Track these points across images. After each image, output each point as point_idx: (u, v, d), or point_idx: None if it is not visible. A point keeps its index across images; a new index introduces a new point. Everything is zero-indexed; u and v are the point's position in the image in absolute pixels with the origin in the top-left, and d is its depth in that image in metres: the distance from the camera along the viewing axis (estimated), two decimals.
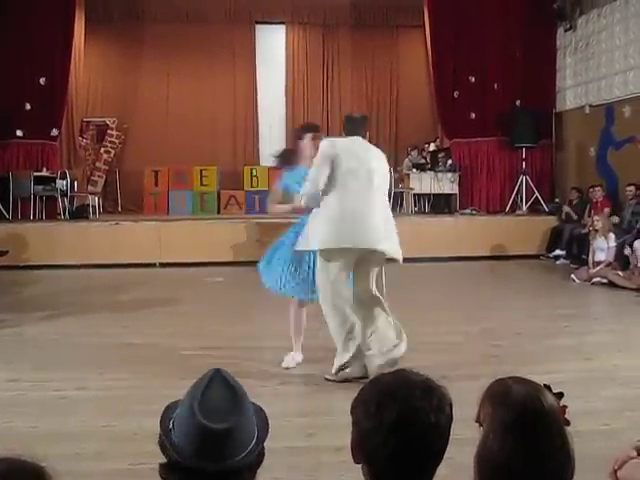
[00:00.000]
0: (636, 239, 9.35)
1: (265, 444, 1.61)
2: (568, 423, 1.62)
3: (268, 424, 1.61)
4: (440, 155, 13.83)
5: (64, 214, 12.44)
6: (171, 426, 1.52)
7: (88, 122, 14.71)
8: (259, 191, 13.70)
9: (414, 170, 13.74)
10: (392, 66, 16.09)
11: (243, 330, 6.58)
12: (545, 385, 1.67)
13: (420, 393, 1.55)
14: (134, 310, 7.68)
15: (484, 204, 13.51)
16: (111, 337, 6.32)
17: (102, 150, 14.69)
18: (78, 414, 4.30)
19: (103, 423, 4.10)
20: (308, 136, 5.34)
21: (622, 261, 9.52)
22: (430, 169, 13.56)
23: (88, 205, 12.73)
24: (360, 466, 1.60)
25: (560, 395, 1.66)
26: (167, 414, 1.56)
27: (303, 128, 5.61)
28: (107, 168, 14.73)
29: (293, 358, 5.40)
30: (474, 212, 13.11)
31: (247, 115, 15.71)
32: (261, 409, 1.64)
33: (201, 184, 13.92)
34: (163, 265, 11.10)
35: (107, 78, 15.08)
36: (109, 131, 14.79)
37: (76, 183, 12.92)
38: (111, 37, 14.93)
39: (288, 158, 5.60)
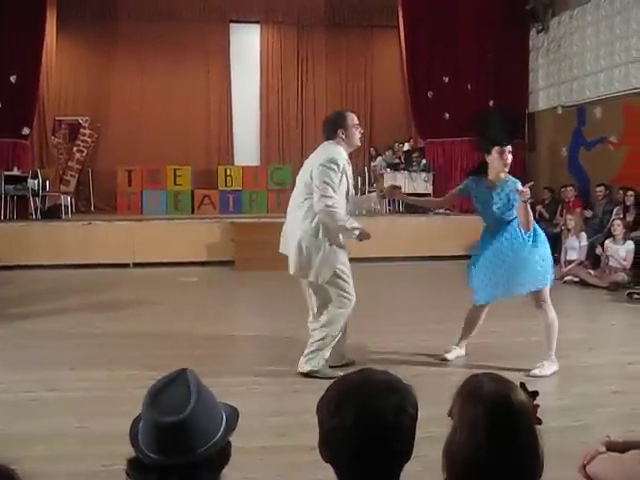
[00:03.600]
0: (607, 238, 9.48)
1: (237, 444, 1.61)
2: (540, 422, 1.63)
3: (235, 423, 1.60)
4: (414, 155, 13.89)
5: (36, 214, 12.30)
6: (139, 428, 1.53)
7: (60, 121, 14.56)
8: (233, 191, 13.69)
9: (388, 170, 13.79)
10: (366, 66, 16.17)
11: (218, 330, 6.56)
12: (521, 383, 1.69)
13: (380, 392, 1.54)
14: (107, 311, 7.62)
15: (458, 204, 13.58)
16: (83, 338, 6.27)
17: (75, 149, 14.56)
18: (50, 415, 4.26)
19: (76, 424, 4.07)
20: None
21: (593, 260, 9.64)
22: (404, 169, 13.60)
23: (60, 205, 12.61)
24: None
25: (535, 394, 1.68)
26: (139, 417, 1.57)
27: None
28: (80, 167, 14.60)
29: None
30: (448, 212, 13.17)
31: (221, 114, 15.67)
32: (233, 408, 1.64)
33: (175, 184, 13.84)
34: (137, 265, 11.03)
35: (80, 76, 14.97)
36: (82, 130, 14.66)
37: (48, 182, 12.74)
38: (83, 35, 14.78)
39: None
